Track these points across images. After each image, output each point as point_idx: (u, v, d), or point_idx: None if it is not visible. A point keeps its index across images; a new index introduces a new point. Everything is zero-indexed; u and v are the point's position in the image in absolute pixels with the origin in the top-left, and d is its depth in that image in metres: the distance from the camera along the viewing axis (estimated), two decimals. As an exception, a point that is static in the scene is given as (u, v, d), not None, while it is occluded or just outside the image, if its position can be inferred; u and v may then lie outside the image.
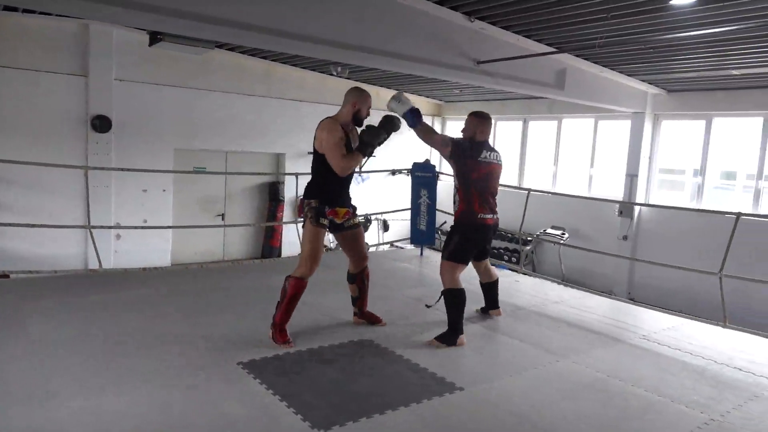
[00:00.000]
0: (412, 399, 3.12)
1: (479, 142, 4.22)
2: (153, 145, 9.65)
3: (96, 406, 2.86)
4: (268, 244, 11.32)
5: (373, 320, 4.39)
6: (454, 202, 4.26)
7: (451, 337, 3.98)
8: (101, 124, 8.96)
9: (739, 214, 5.22)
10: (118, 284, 5.23)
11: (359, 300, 4.39)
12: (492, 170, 4.23)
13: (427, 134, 4.45)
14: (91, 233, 6.23)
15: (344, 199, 4.12)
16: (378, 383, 3.33)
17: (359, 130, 4.13)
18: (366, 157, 4.05)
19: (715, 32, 5.94)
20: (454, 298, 4.02)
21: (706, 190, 9.61)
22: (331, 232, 4.12)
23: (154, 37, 7.53)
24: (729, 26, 5.71)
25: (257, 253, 11.37)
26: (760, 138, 8.82)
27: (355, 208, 4.23)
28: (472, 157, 4.14)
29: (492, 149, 4.28)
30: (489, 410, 3.08)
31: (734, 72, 7.86)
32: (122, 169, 8.22)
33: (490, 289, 4.69)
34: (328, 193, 4.00)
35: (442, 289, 4.10)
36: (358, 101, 4.03)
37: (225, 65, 10.18)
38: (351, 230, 4.14)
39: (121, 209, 9.35)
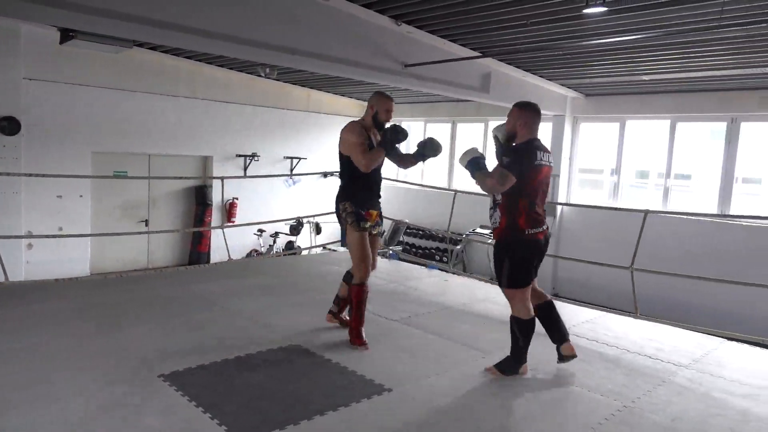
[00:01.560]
0: (340, 403, 3.11)
1: (532, 142, 3.47)
2: (68, 148, 9.11)
3: (4, 426, 2.67)
4: (196, 250, 10.97)
5: (346, 324, 4.23)
6: (491, 216, 3.59)
7: (513, 365, 3.58)
8: (9, 126, 8.36)
9: (646, 212, 5.56)
10: (28, 297, 4.89)
11: (343, 301, 4.32)
12: (546, 174, 3.54)
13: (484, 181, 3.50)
14: (-3, 243, 5.81)
15: (374, 202, 4.13)
16: (306, 388, 3.30)
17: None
18: (414, 160, 4.19)
19: (625, 40, 6.30)
20: (522, 327, 3.52)
21: (622, 188, 10.19)
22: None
23: (66, 35, 7.11)
24: (637, 35, 6.08)
25: (184, 259, 10.99)
26: (668, 139, 9.44)
27: (381, 213, 4.25)
28: (530, 164, 3.40)
29: (544, 149, 3.53)
30: (417, 409, 3.12)
31: (644, 77, 8.38)
32: (33, 175, 7.72)
33: (546, 314, 3.72)
34: (360, 195, 4.05)
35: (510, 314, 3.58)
36: (376, 105, 4.06)
37: (146, 65, 9.77)
38: (372, 236, 4.16)
39: (33, 217, 8.76)
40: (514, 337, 3.56)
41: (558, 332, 3.70)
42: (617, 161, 10.13)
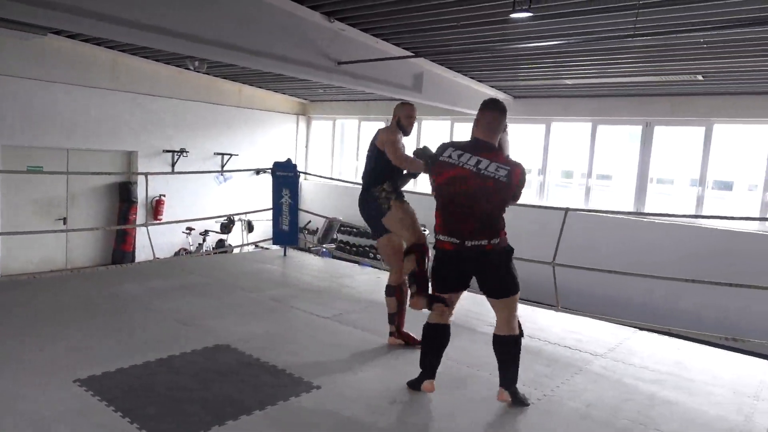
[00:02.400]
0: (267, 402, 3.07)
1: (460, 141, 3.19)
2: (-25, 141, 8.49)
3: None
4: (120, 249, 10.50)
5: (410, 341, 4.01)
6: None
7: (416, 380, 3.32)
8: None
9: (567, 209, 5.83)
10: (-73, 301, 4.53)
11: (397, 316, 4.06)
12: (458, 177, 3.03)
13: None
14: None
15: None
16: (233, 389, 3.23)
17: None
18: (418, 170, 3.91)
19: (548, 45, 6.57)
20: (427, 335, 3.28)
21: (548, 187, 10.62)
22: (377, 236, 4.12)
23: (-28, 18, 6.61)
24: (559, 40, 6.36)
25: (107, 259, 10.49)
26: (589, 141, 9.94)
27: None
28: (435, 157, 3.16)
29: (477, 151, 3.06)
30: (346, 405, 3.13)
31: (567, 82, 8.77)
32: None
33: (497, 349, 3.21)
34: (394, 180, 4.04)
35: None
36: (398, 112, 4.11)
37: (63, 53, 9.23)
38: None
39: (-65, 214, 8.12)
40: (421, 343, 3.34)
41: (500, 372, 3.26)
42: (543, 161, 10.55)
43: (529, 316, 5.22)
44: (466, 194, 3.04)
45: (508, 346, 3.18)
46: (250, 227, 11.68)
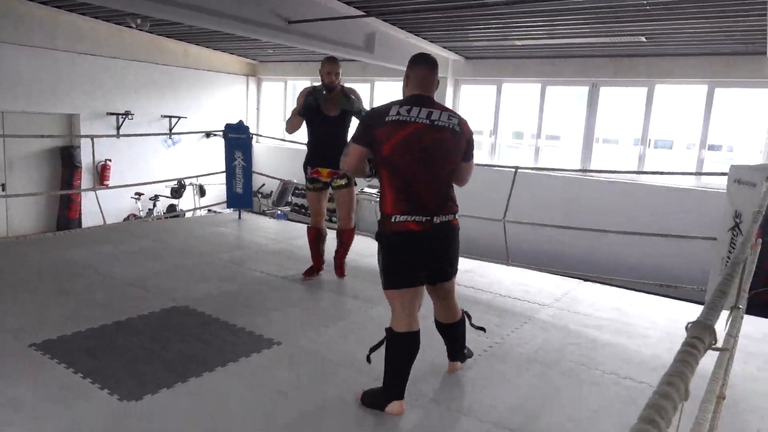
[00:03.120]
0: (229, 359, 3.13)
1: (397, 100, 2.72)
2: None
3: None
4: (65, 216, 10.14)
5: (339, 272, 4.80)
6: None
7: (378, 398, 2.69)
8: None
9: (516, 168, 6.02)
10: None
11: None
12: (414, 134, 2.58)
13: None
14: None
15: (328, 160, 4.28)
16: (193, 347, 3.27)
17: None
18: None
19: (498, 3, 6.62)
20: (392, 343, 2.65)
21: (499, 148, 10.83)
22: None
23: None
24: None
25: (51, 227, 10.13)
26: (538, 102, 10.15)
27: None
28: (378, 124, 2.61)
29: (425, 104, 2.66)
30: (306, 359, 3.23)
31: (517, 43, 8.88)
32: None
33: (446, 333, 3.06)
34: (309, 154, 4.50)
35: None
36: (320, 69, 4.34)
37: (-6, 9, 8.65)
38: (338, 190, 4.48)
39: None
40: (385, 356, 2.67)
41: (450, 350, 3.11)
42: (494, 122, 10.72)
43: (481, 270, 5.44)
44: (426, 153, 2.59)
45: (460, 329, 3.04)
46: (202, 191, 11.47)
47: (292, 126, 4.39)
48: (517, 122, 10.82)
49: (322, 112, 4.29)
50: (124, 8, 6.60)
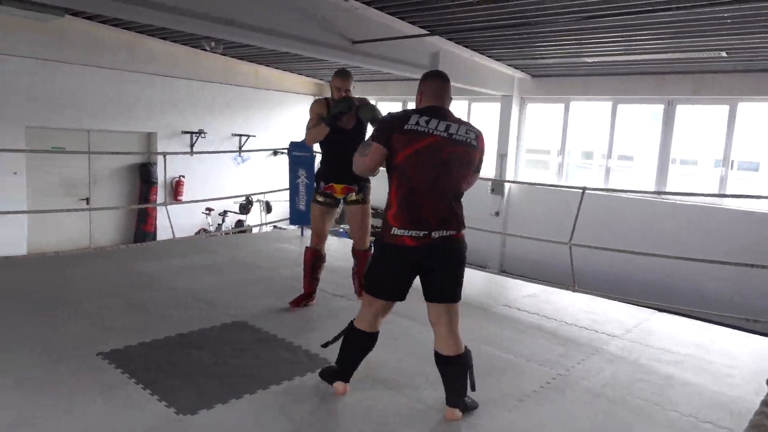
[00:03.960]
0: (284, 377, 3.12)
1: (415, 109, 2.76)
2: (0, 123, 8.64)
3: None
4: (141, 229, 10.66)
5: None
6: None
7: (330, 374, 3.02)
8: (-68, 97, 7.85)
9: (584, 189, 5.76)
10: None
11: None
12: (431, 147, 2.60)
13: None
14: None
15: (342, 175, 4.06)
16: (249, 364, 3.29)
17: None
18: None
19: (569, 19, 6.44)
20: (349, 333, 2.88)
21: (568, 168, 10.49)
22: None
23: (-8, 0, 6.68)
24: (579, 15, 6.21)
25: (129, 239, 10.67)
26: (609, 120, 9.77)
27: (361, 187, 4.22)
28: (397, 129, 2.62)
29: (443, 117, 2.67)
30: (362, 382, 3.16)
31: (588, 60, 8.60)
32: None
33: (444, 369, 2.80)
34: (323, 168, 4.24)
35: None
36: (331, 83, 4.13)
37: (81, 35, 9.28)
38: (351, 206, 4.24)
39: (-37, 194, 8.31)
40: (342, 342, 2.92)
41: (448, 392, 2.81)
42: (562, 142, 10.41)
43: (544, 296, 5.22)
44: (440, 167, 2.60)
45: (455, 366, 2.74)
46: (268, 207, 11.76)
47: (313, 138, 4.01)
48: (586, 141, 10.45)
49: (337, 125, 3.98)
50: (200, 32, 6.91)
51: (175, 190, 10.97)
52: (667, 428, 2.85)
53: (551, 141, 10.70)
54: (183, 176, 11.02)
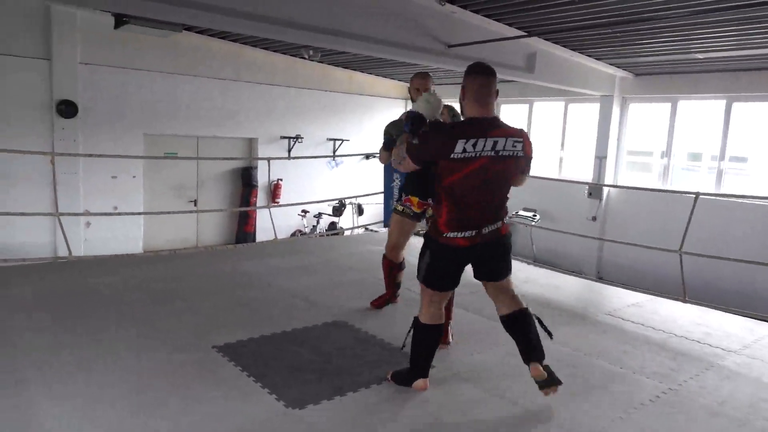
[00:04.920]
0: (384, 377, 3.19)
1: (466, 123, 2.78)
2: (121, 130, 9.49)
3: (71, 391, 2.87)
4: (242, 230, 11.27)
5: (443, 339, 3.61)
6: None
7: (406, 376, 3.08)
8: (67, 109, 8.76)
9: (697, 194, 5.41)
10: (89, 272, 5.18)
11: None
12: (480, 169, 2.66)
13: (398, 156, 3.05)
14: (59, 221, 6.13)
15: (419, 189, 3.93)
16: (351, 363, 3.40)
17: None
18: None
19: (679, 15, 6.07)
20: (417, 332, 3.01)
21: (673, 171, 9.87)
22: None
23: (120, 20, 7.37)
24: (690, 9, 5.85)
25: (231, 239, 11.31)
26: (722, 120, 9.08)
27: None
28: (444, 157, 2.67)
29: (495, 132, 2.67)
30: (459, 385, 3.17)
31: (698, 56, 8.05)
32: (90, 155, 8.08)
33: (513, 328, 2.99)
34: (405, 181, 4.15)
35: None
36: (409, 85, 4.09)
37: (193, 48, 10.01)
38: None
39: (90, 196, 9.20)
40: (412, 343, 3.05)
41: (524, 350, 2.93)
42: (668, 143, 9.79)
43: (650, 305, 4.95)
44: (487, 184, 2.73)
45: (521, 320, 2.96)
46: (360, 210, 12.02)
47: (382, 158, 4.06)
48: (693, 142, 9.77)
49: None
50: (300, 41, 7.22)
51: (274, 192, 11.50)
52: (797, 455, 2.63)
53: (654, 142, 10.11)
54: (281, 179, 11.52)
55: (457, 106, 3.47)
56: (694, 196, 5.42)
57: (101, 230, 9.31)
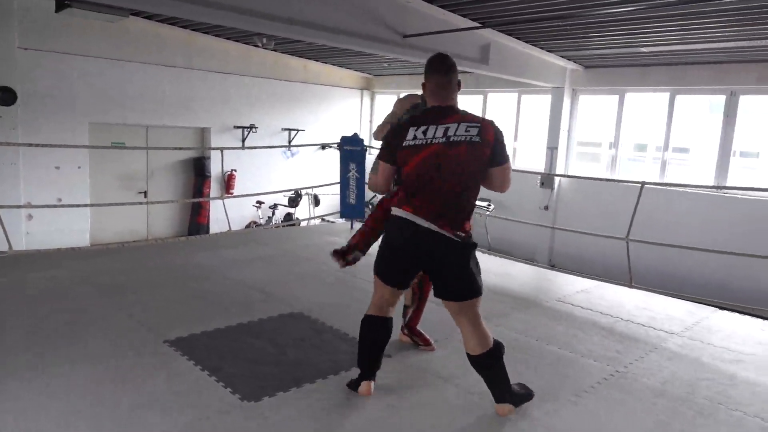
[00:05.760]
0: (341, 367, 3.19)
1: (414, 116, 2.82)
2: (65, 119, 9.08)
3: (15, 389, 2.75)
4: (195, 221, 11.02)
5: (422, 341, 3.56)
6: None
7: (355, 381, 2.93)
8: (4, 95, 8.31)
9: (643, 183, 5.62)
10: (30, 266, 4.96)
11: (414, 311, 3.54)
12: (428, 158, 2.60)
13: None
14: (-2, 213, 5.83)
15: None
16: (308, 353, 3.39)
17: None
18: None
19: (624, 11, 6.26)
20: (361, 327, 2.88)
21: (620, 161, 10.21)
22: None
23: (61, 3, 7.02)
24: (637, 5, 6.04)
25: (184, 231, 11.05)
26: (666, 112, 9.44)
27: None
28: (399, 147, 2.67)
29: (438, 120, 2.64)
30: (415, 374, 3.21)
31: (643, 50, 8.34)
32: (31, 145, 7.68)
33: (475, 368, 2.76)
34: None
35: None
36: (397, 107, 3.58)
37: (142, 34, 9.67)
38: None
39: (32, 188, 8.79)
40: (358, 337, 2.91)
41: (490, 390, 2.76)
42: (615, 134, 10.13)
43: (598, 291, 5.13)
44: (440, 170, 2.59)
45: (487, 363, 2.69)
46: (316, 201, 11.94)
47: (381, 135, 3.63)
48: (639, 134, 10.13)
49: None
50: (255, 29, 7.07)
51: (227, 183, 11.28)
52: (733, 428, 2.78)
53: (603, 133, 10.43)
54: (235, 170, 11.31)
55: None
56: (640, 185, 5.63)
57: (45, 223, 8.92)
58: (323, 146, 12.06)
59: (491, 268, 5.79)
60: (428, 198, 2.62)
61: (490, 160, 2.62)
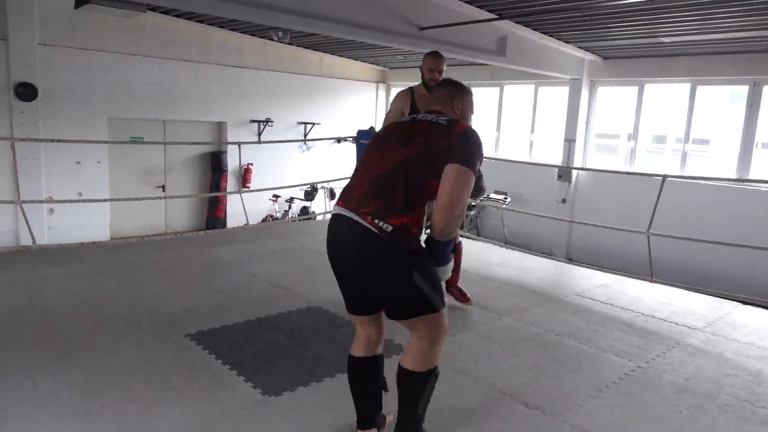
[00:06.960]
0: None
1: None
2: (84, 114, 9.19)
3: (40, 381, 2.80)
4: (212, 215, 11.11)
5: (461, 298, 4.01)
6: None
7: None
8: (26, 92, 8.43)
9: (665, 176, 5.53)
10: (53, 260, 5.03)
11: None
12: (390, 128, 2.37)
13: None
14: (21, 208, 5.93)
15: None
16: (327, 348, 3.40)
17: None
18: None
19: (644, 0, 6.14)
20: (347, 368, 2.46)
21: (638, 153, 10.08)
22: None
23: (81, -1, 7.09)
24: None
25: (201, 224, 11.14)
26: (687, 103, 9.28)
27: None
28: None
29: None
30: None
31: (664, 39, 8.19)
32: (52, 140, 7.79)
33: (398, 383, 2.31)
34: None
35: None
36: (421, 65, 3.82)
37: (159, 29, 9.72)
38: None
39: (53, 183, 8.92)
40: None
41: (399, 415, 2.33)
42: (635, 126, 9.99)
43: (618, 285, 5.07)
44: (383, 144, 2.24)
45: (409, 383, 2.21)
46: (332, 195, 11.95)
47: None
48: (658, 125, 9.98)
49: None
50: (268, 23, 7.08)
51: (244, 177, 11.34)
52: (758, 426, 2.74)
53: (621, 125, 10.29)
54: (251, 164, 11.36)
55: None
56: (661, 178, 5.54)
57: (66, 218, 9.05)
58: (339, 140, 12.05)
59: (509, 261, 5.76)
60: (359, 179, 2.16)
61: (448, 150, 2.07)
